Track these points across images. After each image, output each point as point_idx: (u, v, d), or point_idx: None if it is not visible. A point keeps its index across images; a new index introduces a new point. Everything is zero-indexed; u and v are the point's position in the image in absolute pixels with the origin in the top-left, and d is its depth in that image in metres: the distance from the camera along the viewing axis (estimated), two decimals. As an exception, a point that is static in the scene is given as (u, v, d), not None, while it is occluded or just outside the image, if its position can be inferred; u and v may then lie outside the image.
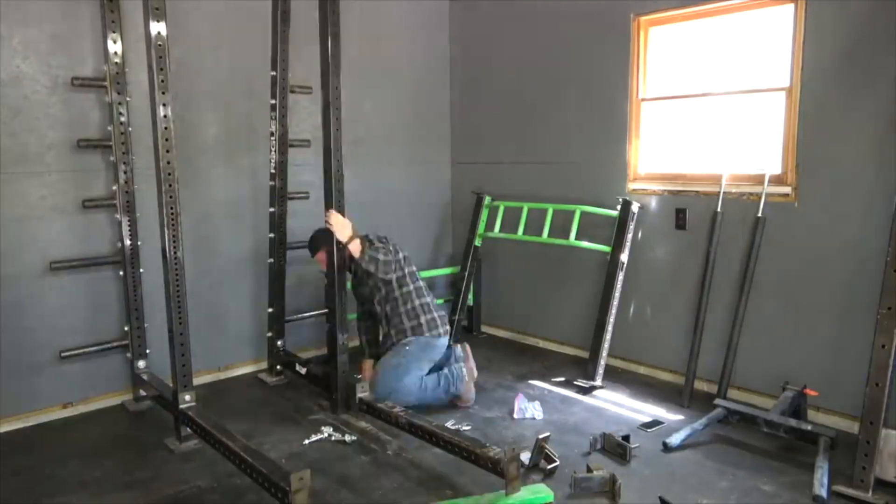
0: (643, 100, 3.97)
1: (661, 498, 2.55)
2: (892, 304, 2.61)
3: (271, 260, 4.06)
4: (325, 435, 3.27)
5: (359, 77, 4.49)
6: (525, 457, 2.92)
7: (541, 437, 2.89)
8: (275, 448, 3.14)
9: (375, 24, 4.60)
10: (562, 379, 4.01)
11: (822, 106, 3.22)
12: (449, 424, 3.37)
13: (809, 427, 2.96)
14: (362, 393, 3.44)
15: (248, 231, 4.12)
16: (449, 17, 5.00)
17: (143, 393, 3.67)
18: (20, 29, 3.26)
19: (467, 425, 3.38)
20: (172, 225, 2.99)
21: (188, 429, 3.13)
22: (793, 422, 3.02)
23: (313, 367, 3.80)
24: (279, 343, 4.11)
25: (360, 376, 3.65)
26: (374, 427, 3.34)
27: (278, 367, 4.09)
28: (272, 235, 4.03)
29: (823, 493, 2.58)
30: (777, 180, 3.41)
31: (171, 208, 2.98)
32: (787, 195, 3.36)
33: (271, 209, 4.02)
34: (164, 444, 3.18)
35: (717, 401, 3.30)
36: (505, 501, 2.57)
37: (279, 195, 3.98)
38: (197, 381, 3.98)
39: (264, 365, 4.20)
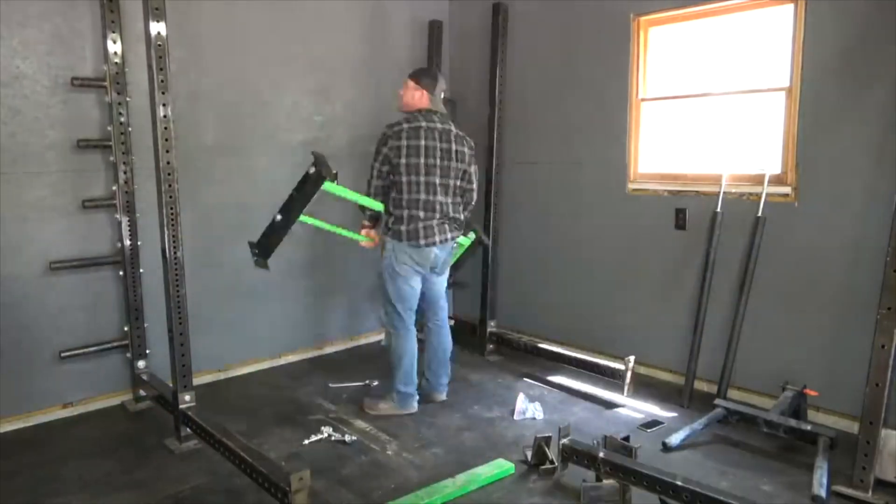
0: (643, 100, 3.97)
1: (661, 499, 2.54)
2: (892, 304, 2.61)
3: None
4: (325, 435, 3.27)
5: (358, 77, 4.50)
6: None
7: (540, 436, 2.90)
8: (275, 448, 3.14)
9: (376, 24, 4.60)
10: (562, 379, 4.01)
11: (822, 106, 3.21)
12: (450, 426, 3.38)
13: (809, 427, 2.96)
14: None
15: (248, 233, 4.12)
16: (449, 17, 5.00)
17: (142, 393, 3.68)
18: (19, 29, 3.25)
19: (467, 425, 3.38)
20: (172, 225, 3.01)
21: (188, 429, 3.15)
22: (792, 422, 3.02)
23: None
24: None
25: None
26: (374, 427, 3.34)
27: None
28: None
29: (823, 493, 2.58)
30: (777, 180, 3.41)
31: (171, 208, 3.00)
32: (787, 195, 3.36)
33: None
34: (164, 445, 3.19)
35: (717, 401, 3.30)
36: (477, 477, 2.77)
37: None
38: (197, 380, 4.00)
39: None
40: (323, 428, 3.33)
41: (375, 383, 3.94)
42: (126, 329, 3.68)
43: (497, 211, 4.51)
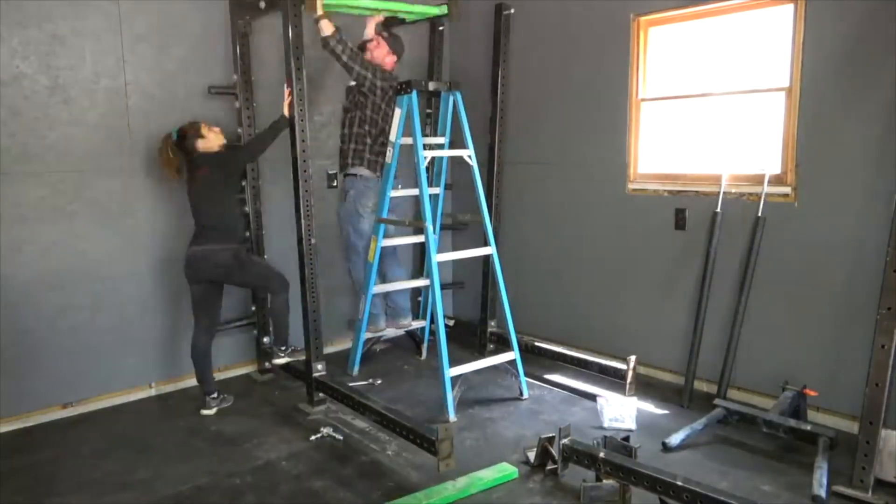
0: (643, 100, 3.97)
1: (661, 499, 2.54)
2: (891, 304, 2.61)
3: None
4: (325, 435, 3.27)
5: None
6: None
7: (544, 437, 2.90)
8: (275, 448, 3.15)
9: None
10: (562, 378, 4.01)
11: (822, 106, 3.21)
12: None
13: (809, 427, 2.96)
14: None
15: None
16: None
17: (267, 365, 4.11)
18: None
19: (467, 425, 3.38)
20: (308, 216, 3.47)
21: (321, 394, 3.59)
22: (792, 422, 3.02)
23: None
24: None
25: None
26: (375, 427, 3.34)
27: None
28: None
29: (822, 493, 2.58)
30: (777, 180, 3.41)
31: (307, 202, 3.47)
32: (786, 195, 3.36)
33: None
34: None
35: (717, 401, 3.30)
36: (478, 480, 2.78)
37: None
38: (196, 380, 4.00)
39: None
40: (322, 428, 3.33)
41: (379, 381, 3.97)
42: (253, 308, 4.11)
43: (498, 211, 4.50)
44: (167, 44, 3.71)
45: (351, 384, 3.76)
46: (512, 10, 4.44)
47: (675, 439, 3.06)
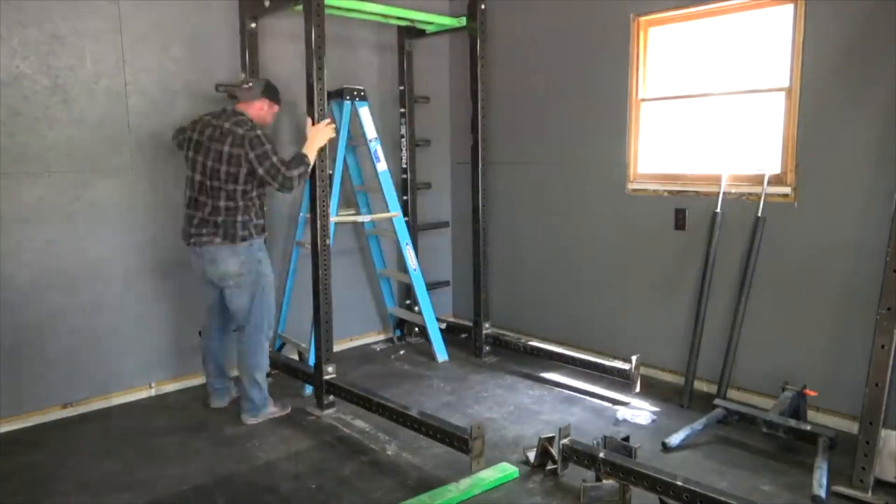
0: (643, 100, 3.97)
1: (661, 499, 2.54)
2: (891, 304, 2.62)
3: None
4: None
5: (355, 78, 4.50)
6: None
7: (543, 437, 2.90)
8: (274, 448, 3.15)
9: (376, 26, 4.60)
10: (560, 379, 4.01)
11: (822, 106, 3.21)
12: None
13: (809, 427, 2.97)
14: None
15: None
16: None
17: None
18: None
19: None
20: (323, 216, 3.44)
21: (331, 396, 3.55)
22: (792, 422, 3.02)
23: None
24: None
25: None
26: (374, 427, 3.35)
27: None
28: (406, 219, 4.62)
29: (822, 493, 2.58)
30: (777, 180, 3.41)
31: (323, 202, 3.45)
32: (786, 195, 3.36)
33: (404, 197, 4.72)
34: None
35: (717, 401, 3.30)
36: (481, 481, 2.78)
37: (410, 185, 4.78)
38: (197, 381, 4.00)
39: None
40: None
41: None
42: None
43: (485, 211, 4.42)
44: (167, 44, 3.71)
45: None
46: (483, 6, 4.24)
47: (674, 439, 3.06)
